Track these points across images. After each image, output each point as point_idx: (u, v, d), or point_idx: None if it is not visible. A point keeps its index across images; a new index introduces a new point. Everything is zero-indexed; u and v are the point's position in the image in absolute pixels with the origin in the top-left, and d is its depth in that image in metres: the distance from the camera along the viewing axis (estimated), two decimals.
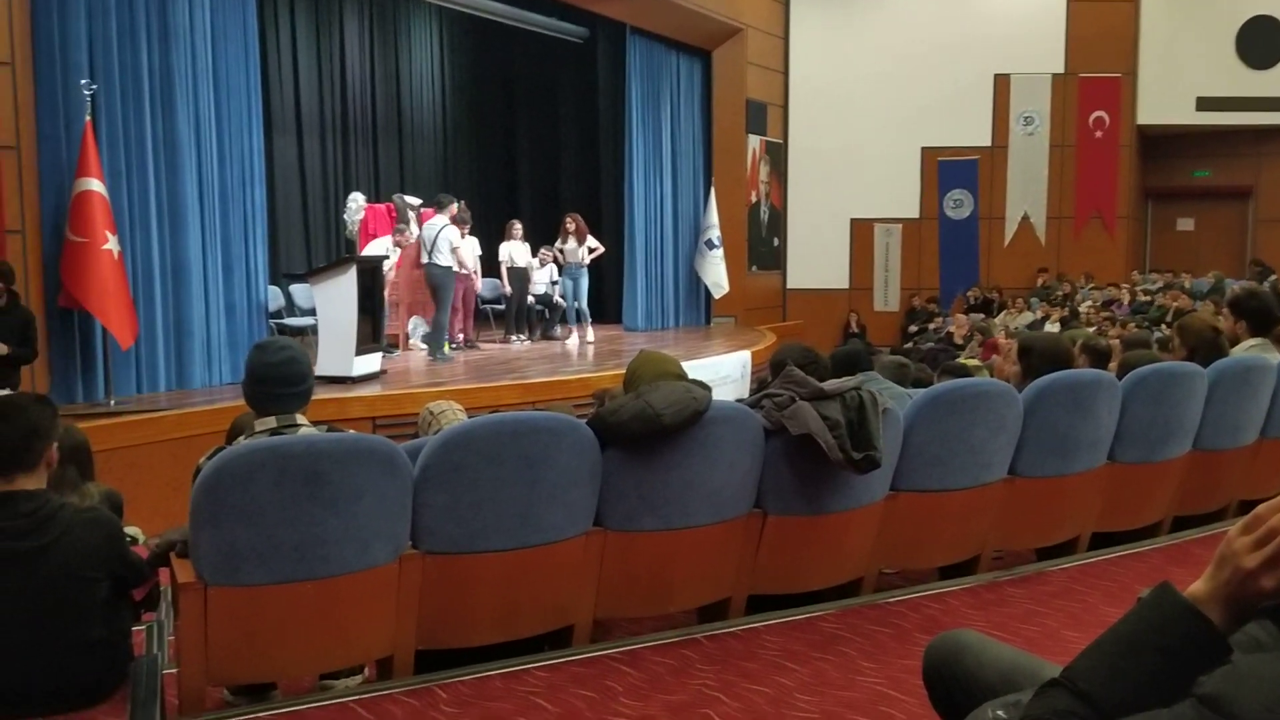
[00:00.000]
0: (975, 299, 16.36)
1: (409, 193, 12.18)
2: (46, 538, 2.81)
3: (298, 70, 12.97)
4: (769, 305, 16.48)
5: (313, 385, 3.17)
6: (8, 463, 2.84)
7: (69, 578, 2.84)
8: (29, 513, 2.82)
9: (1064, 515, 4.33)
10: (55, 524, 2.83)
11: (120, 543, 3.03)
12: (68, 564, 2.84)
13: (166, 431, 6.87)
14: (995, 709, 1.67)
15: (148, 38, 7.84)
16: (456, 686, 3.03)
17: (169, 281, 8.09)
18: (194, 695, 2.90)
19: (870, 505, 3.77)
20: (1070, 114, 16.27)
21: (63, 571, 2.83)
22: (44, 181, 7.10)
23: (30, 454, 2.86)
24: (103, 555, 2.93)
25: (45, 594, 2.81)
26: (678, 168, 14.55)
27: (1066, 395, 4.11)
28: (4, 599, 2.78)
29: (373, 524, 2.98)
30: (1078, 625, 3.46)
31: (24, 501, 2.83)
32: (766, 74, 15.98)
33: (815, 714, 2.82)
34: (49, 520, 2.83)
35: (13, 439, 2.83)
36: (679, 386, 3.36)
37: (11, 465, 2.84)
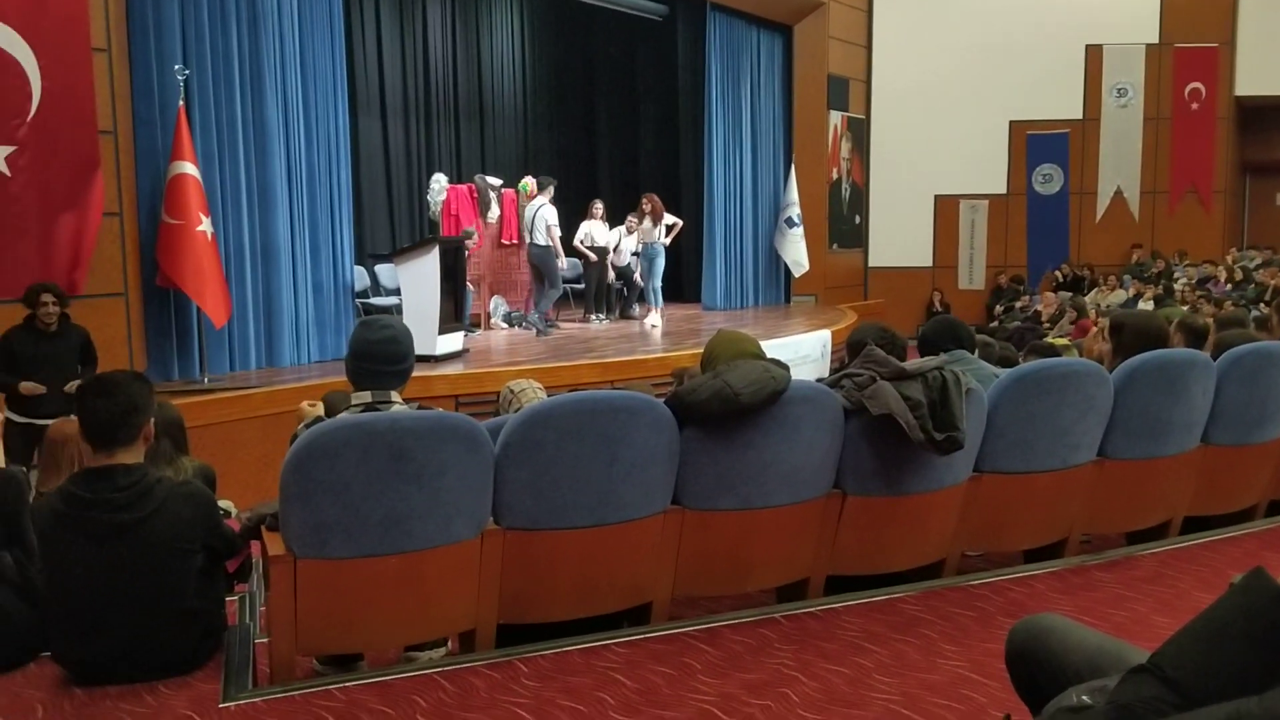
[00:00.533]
0: (1065, 276, 15.97)
1: (490, 173, 12.29)
2: (145, 510, 2.92)
3: (382, 53, 13.15)
4: (850, 284, 16.29)
5: (412, 366, 3.22)
6: (108, 437, 2.95)
7: (166, 549, 2.95)
8: (127, 486, 2.93)
9: (1155, 499, 4.22)
10: (153, 497, 2.94)
11: (214, 516, 3.13)
12: (165, 536, 2.95)
13: (257, 408, 7.06)
14: (1080, 694, 1.64)
15: (238, 24, 8.04)
16: (537, 661, 3.07)
17: (259, 262, 8.31)
18: (284, 664, 2.99)
19: (953, 487, 3.71)
20: (1165, 85, 15.74)
21: (160, 543, 2.94)
22: (140, 165, 7.33)
23: (129, 429, 2.97)
24: (198, 528, 3.03)
25: (143, 565, 2.92)
26: (757, 145, 14.43)
27: (1159, 375, 4.00)
28: (105, 569, 2.90)
29: (455, 500, 3.03)
30: (1168, 611, 3.38)
31: (122, 475, 2.94)
32: (849, 48, 15.75)
33: (895, 695, 2.81)
34: (147, 493, 2.94)
35: (113, 414, 2.94)
36: (757, 366, 3.35)
37: (111, 440, 2.95)
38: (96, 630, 2.93)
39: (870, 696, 2.81)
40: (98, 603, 2.92)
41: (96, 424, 2.96)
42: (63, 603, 2.97)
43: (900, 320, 14.88)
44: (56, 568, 2.98)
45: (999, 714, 2.50)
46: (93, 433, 2.97)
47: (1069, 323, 13.02)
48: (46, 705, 2.84)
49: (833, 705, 2.76)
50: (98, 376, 3.04)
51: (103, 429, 2.96)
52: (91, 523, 2.90)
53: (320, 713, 2.76)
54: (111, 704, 2.83)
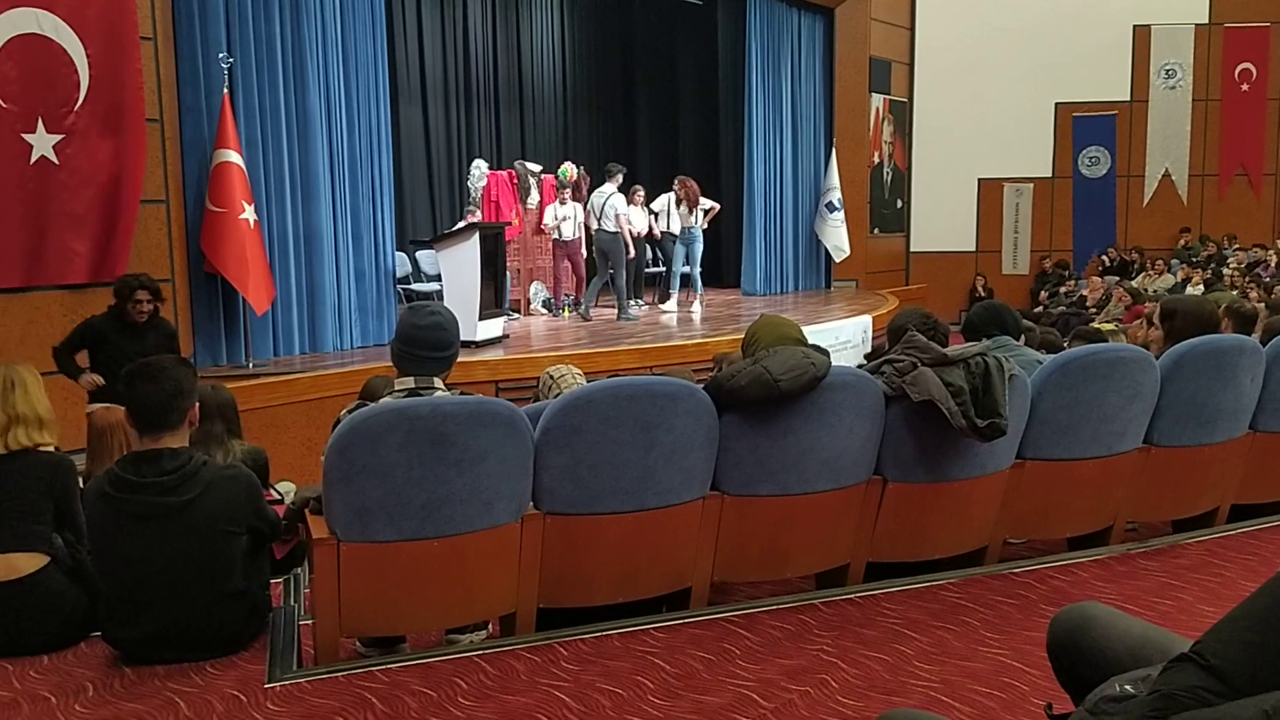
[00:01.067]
0: (1111, 261, 15.73)
1: (529, 159, 12.31)
2: (191, 493, 2.97)
3: (422, 40, 13.19)
4: (891, 269, 16.16)
5: (456, 354, 3.22)
6: (155, 421, 3.00)
7: (212, 531, 3.00)
8: (174, 469, 2.98)
9: (1202, 486, 4.16)
10: (198, 480, 2.99)
11: (259, 498, 3.18)
12: (211, 518, 3.00)
13: (301, 393, 7.15)
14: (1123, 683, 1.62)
15: (280, 11, 8.10)
16: (576, 644, 3.09)
17: (302, 248, 8.40)
18: (328, 646, 3.03)
19: (995, 474, 3.68)
20: (1215, 66, 15.44)
21: (206, 525, 2.99)
22: (186, 153, 7.43)
23: (175, 413, 3.02)
24: (242, 509, 3.08)
25: (191, 546, 2.98)
26: (798, 129, 14.32)
27: (1207, 361, 3.93)
28: (153, 551, 2.96)
29: (495, 484, 3.05)
30: (1214, 600, 3.33)
31: (169, 459, 2.99)
32: (891, 30, 15.58)
33: (935, 683, 2.79)
34: (193, 476, 2.99)
35: (159, 399, 2.99)
36: (797, 352, 3.33)
37: (158, 424, 3.01)
38: (145, 611, 2.99)
39: (910, 684, 2.80)
40: (146, 584, 2.98)
41: (144, 409, 3.01)
42: (112, 584, 3.04)
43: (942, 306, 14.82)
44: (105, 550, 3.04)
45: (1041, 703, 2.48)
46: (140, 417, 3.02)
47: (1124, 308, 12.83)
48: (96, 684, 2.90)
49: (872, 692, 2.75)
50: (144, 362, 3.09)
51: (150, 414, 3.01)
52: (139, 505, 2.96)
53: (363, 693, 2.79)
54: (159, 683, 2.89)
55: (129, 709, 2.75)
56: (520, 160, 12.18)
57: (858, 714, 2.62)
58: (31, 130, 5.86)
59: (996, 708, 2.64)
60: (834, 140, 14.67)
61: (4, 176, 5.76)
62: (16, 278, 5.87)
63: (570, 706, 2.71)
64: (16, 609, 3.14)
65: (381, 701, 2.75)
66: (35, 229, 5.93)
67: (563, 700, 2.74)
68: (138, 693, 2.84)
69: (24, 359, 5.58)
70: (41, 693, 2.86)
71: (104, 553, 3.05)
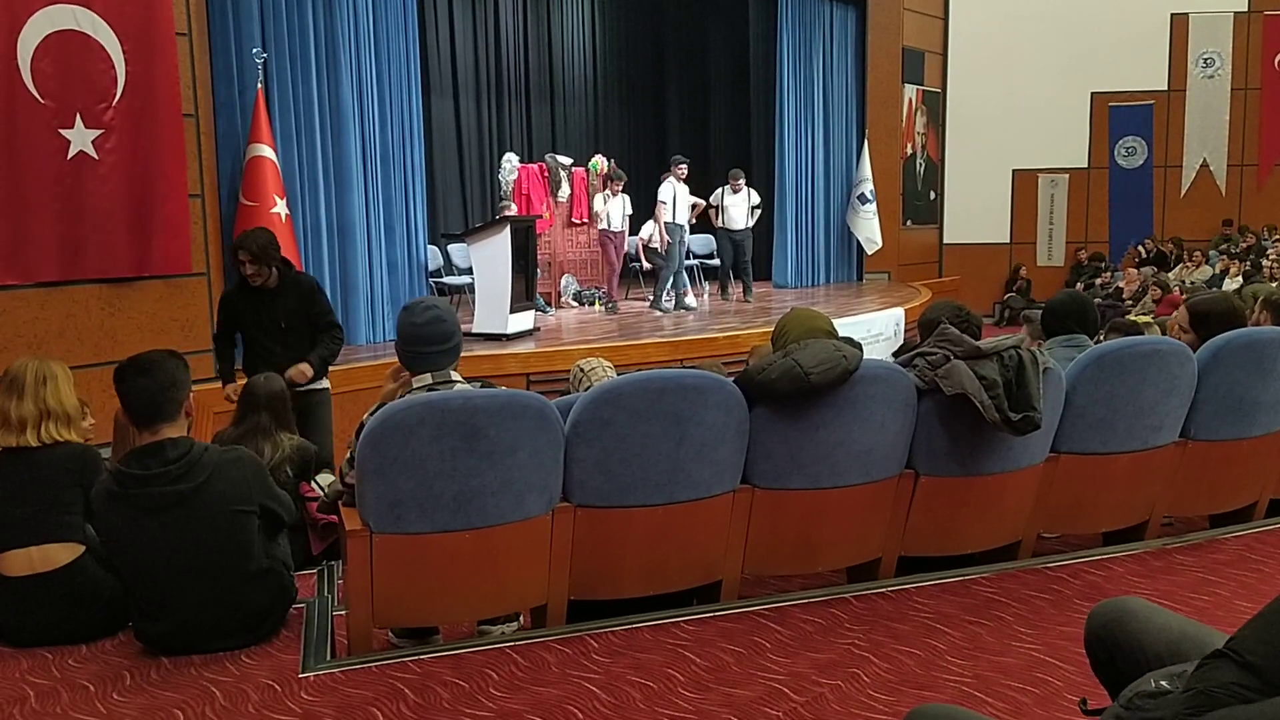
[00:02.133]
0: (1148, 252, 15.53)
1: (560, 152, 12.32)
2: (198, 478, 3.03)
3: (454, 33, 13.24)
4: (924, 261, 16.04)
5: (461, 342, 3.25)
6: (152, 414, 3.07)
7: (225, 513, 3.05)
8: (177, 458, 3.03)
9: (1241, 480, 4.10)
10: (203, 465, 3.05)
11: (264, 477, 3.22)
12: (222, 500, 3.05)
13: (334, 385, 7.17)
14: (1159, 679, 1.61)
15: (313, 6, 8.16)
16: (607, 636, 3.10)
17: (335, 241, 8.46)
18: (362, 636, 3.05)
19: (1029, 468, 3.65)
20: (1254, 54, 15.18)
21: (219, 508, 3.04)
22: (221, 147, 7.49)
23: (170, 404, 3.08)
24: (250, 487, 3.13)
25: (208, 530, 3.03)
26: (830, 121, 14.24)
27: (1245, 354, 3.88)
28: (171, 541, 3.01)
29: (526, 477, 3.06)
30: (1252, 595, 3.29)
31: (171, 448, 3.05)
32: (924, 20, 15.44)
33: (968, 678, 2.78)
34: (197, 463, 3.05)
35: (153, 392, 3.05)
36: (828, 345, 3.32)
37: (156, 417, 3.07)
38: (172, 603, 3.04)
39: (942, 679, 2.79)
40: (169, 576, 3.03)
41: (139, 403, 3.06)
42: (135, 581, 3.08)
43: (976, 298, 14.71)
44: (122, 549, 3.08)
45: (1074, 698, 2.46)
46: (136, 412, 3.08)
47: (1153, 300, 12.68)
48: (134, 673, 2.94)
49: (904, 686, 2.74)
50: (134, 357, 3.13)
51: (145, 407, 3.06)
52: (150, 498, 3.01)
53: (396, 684, 2.81)
54: (196, 672, 2.93)
55: (166, 698, 2.78)
56: (551, 153, 12.18)
57: (889, 709, 2.61)
58: (70, 126, 5.92)
59: (1030, 703, 2.62)
60: (866, 131, 14.57)
61: (42, 172, 5.83)
62: (54, 271, 5.94)
63: (601, 699, 2.71)
64: (56, 598, 3.19)
65: (414, 692, 2.77)
66: (73, 223, 6.00)
67: (593, 692, 2.75)
68: (174, 682, 2.88)
69: (62, 352, 5.69)
70: (80, 681, 2.91)
71: (121, 552, 3.09)
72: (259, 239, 5.19)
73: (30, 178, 5.79)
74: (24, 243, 5.79)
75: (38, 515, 3.22)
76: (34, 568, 3.19)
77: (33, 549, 3.20)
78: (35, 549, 3.21)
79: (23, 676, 2.95)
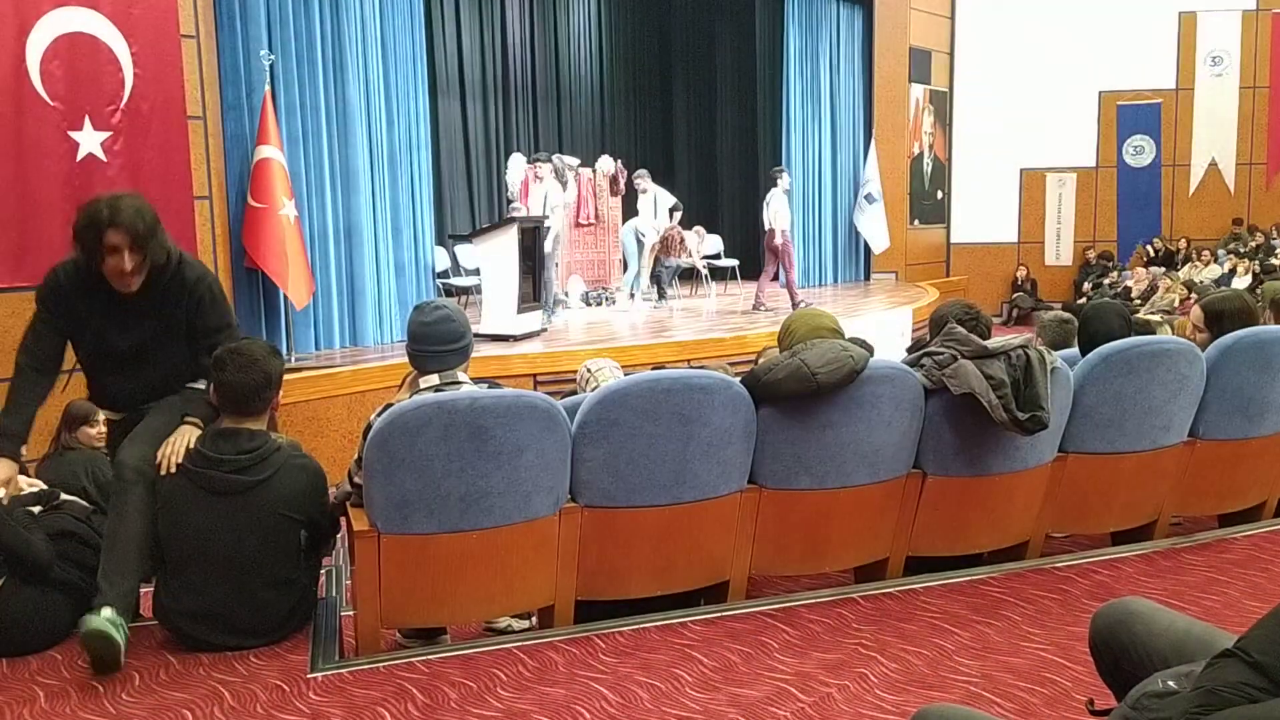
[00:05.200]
0: (1157, 251, 15.50)
1: (567, 153, 12.33)
2: (262, 475, 3.07)
3: (460, 35, 13.26)
4: (931, 261, 16.02)
5: (471, 343, 3.26)
6: (240, 408, 3.11)
7: (276, 516, 3.08)
8: (250, 449, 3.08)
9: (1249, 480, 4.09)
10: (271, 463, 3.09)
11: (323, 492, 3.24)
12: (276, 502, 3.07)
13: (342, 386, 7.21)
14: (1166, 679, 1.60)
15: (320, 8, 8.17)
16: (615, 637, 3.10)
17: (342, 243, 8.48)
18: (369, 637, 3.06)
19: (1037, 467, 3.64)
20: (1263, 52, 15.14)
21: (271, 509, 3.06)
22: (229, 150, 7.51)
23: (261, 400, 3.14)
24: (308, 499, 3.15)
25: (254, 528, 3.05)
26: (836, 120, 14.24)
27: (1254, 353, 3.87)
28: (220, 526, 3.04)
29: (533, 477, 3.06)
30: (1261, 595, 3.28)
31: (246, 439, 3.09)
32: (931, 20, 15.43)
33: (976, 678, 2.77)
34: (266, 459, 3.09)
35: (250, 387, 3.10)
36: (835, 345, 3.32)
37: (243, 410, 3.12)
38: (202, 584, 3.06)
39: (950, 679, 2.78)
40: (207, 558, 3.06)
41: (231, 394, 3.11)
42: (175, 555, 3.10)
43: (984, 298, 14.67)
44: (175, 521, 3.09)
45: (1082, 698, 2.46)
46: (226, 400, 3.13)
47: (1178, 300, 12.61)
48: (143, 673, 2.95)
49: (912, 686, 2.74)
50: (236, 349, 3.13)
51: (236, 400, 3.11)
52: (211, 479, 3.05)
53: (404, 684, 2.82)
54: (204, 672, 2.94)
55: (175, 698, 2.79)
56: (558, 154, 12.19)
57: (897, 709, 2.61)
58: (79, 128, 5.95)
59: (1038, 703, 2.61)
60: (873, 131, 14.56)
61: (52, 174, 5.85)
62: None
63: (608, 699, 2.72)
64: None
65: (422, 692, 2.77)
66: None
67: (601, 693, 2.75)
68: (183, 682, 2.89)
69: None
70: (90, 681, 2.92)
71: (174, 523, 3.10)
72: (144, 213, 3.26)
73: (40, 180, 5.82)
74: (34, 245, 5.81)
75: None
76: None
77: None
78: None
79: (32, 677, 2.96)
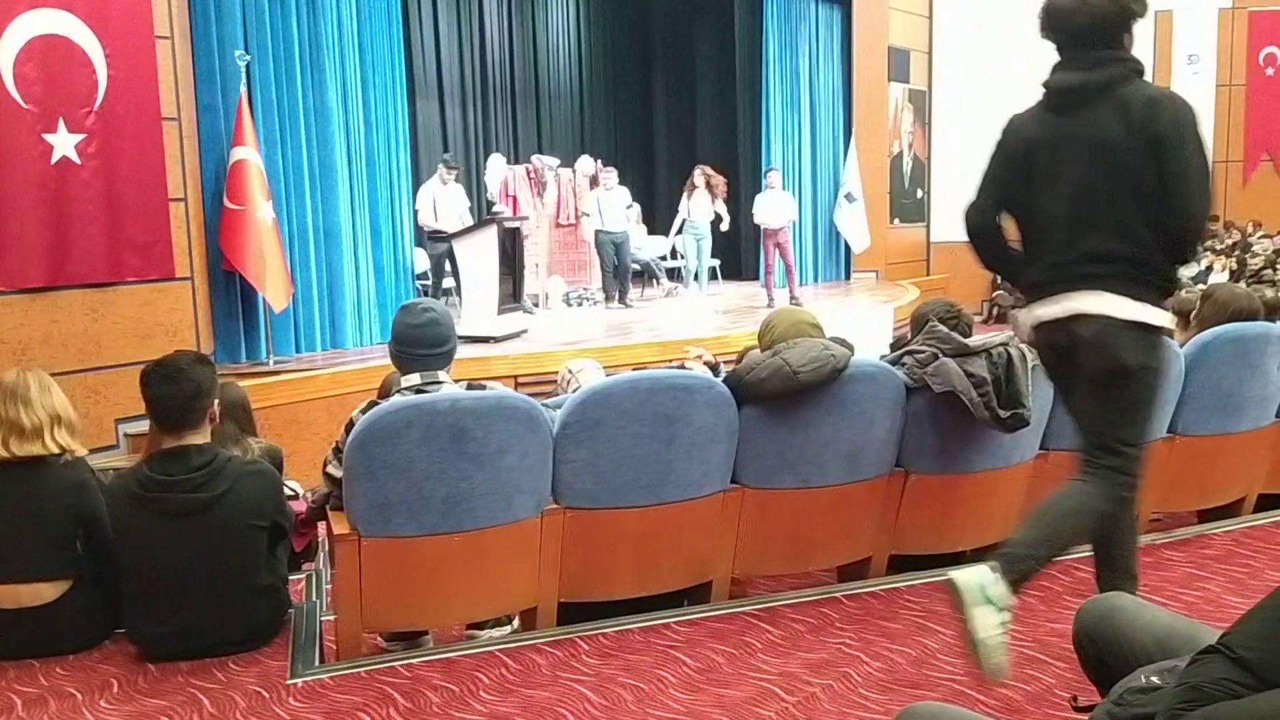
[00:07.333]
0: None
1: (546, 154, 12.31)
2: (218, 489, 3.00)
3: (439, 35, 13.22)
4: (912, 259, 16.06)
5: (455, 346, 3.24)
6: (175, 422, 3.03)
7: (239, 526, 3.03)
8: (201, 465, 3.01)
9: (1228, 476, 4.11)
10: (225, 476, 3.02)
11: (281, 493, 3.21)
12: (238, 513, 3.02)
13: (322, 389, 7.17)
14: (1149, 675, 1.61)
15: (297, 8, 8.12)
16: (598, 638, 3.09)
17: (321, 245, 8.43)
18: (350, 641, 3.04)
19: (1019, 465, 3.65)
20: (1239, 51, 15.26)
21: (234, 520, 3.02)
22: (204, 151, 7.45)
23: (195, 412, 3.05)
24: (268, 504, 3.11)
25: (219, 541, 3.00)
26: (816, 120, 14.26)
27: (1233, 349, 3.89)
28: (182, 547, 2.98)
29: (515, 479, 3.05)
30: (1241, 591, 3.30)
31: (195, 455, 3.02)
32: (910, 19, 15.47)
33: (960, 676, 2.77)
34: (220, 472, 3.02)
35: (178, 399, 3.01)
36: (816, 344, 3.32)
37: (179, 424, 3.03)
38: (175, 608, 3.01)
39: (934, 677, 2.78)
40: (175, 580, 3.01)
41: (163, 410, 3.03)
42: (141, 582, 3.05)
43: (965, 296, 14.62)
44: (134, 549, 3.05)
45: (1066, 695, 2.46)
46: (160, 417, 3.05)
47: None
48: (121, 681, 2.92)
49: (896, 685, 2.74)
50: (161, 362, 3.07)
51: (169, 414, 3.03)
52: (168, 503, 2.98)
53: (385, 688, 2.80)
54: (183, 679, 2.91)
55: (153, 705, 2.76)
56: (538, 155, 12.17)
57: (881, 707, 2.61)
58: (53, 130, 5.88)
59: (1021, 700, 2.62)
60: (853, 130, 14.59)
61: (26, 177, 5.79)
62: (39, 277, 5.90)
63: (592, 700, 2.70)
64: (43, 627, 3.11)
65: (404, 696, 2.75)
66: (57, 229, 5.95)
67: (584, 694, 2.73)
68: (162, 689, 2.86)
69: (46, 358, 5.66)
70: (68, 689, 2.88)
71: (132, 551, 3.06)
72: None
73: (14, 183, 5.75)
74: (8, 248, 5.75)
75: (31, 550, 3.12)
76: (20, 602, 3.10)
77: (21, 586, 3.11)
78: (24, 586, 3.11)
79: (9, 685, 2.92)
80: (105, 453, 5.83)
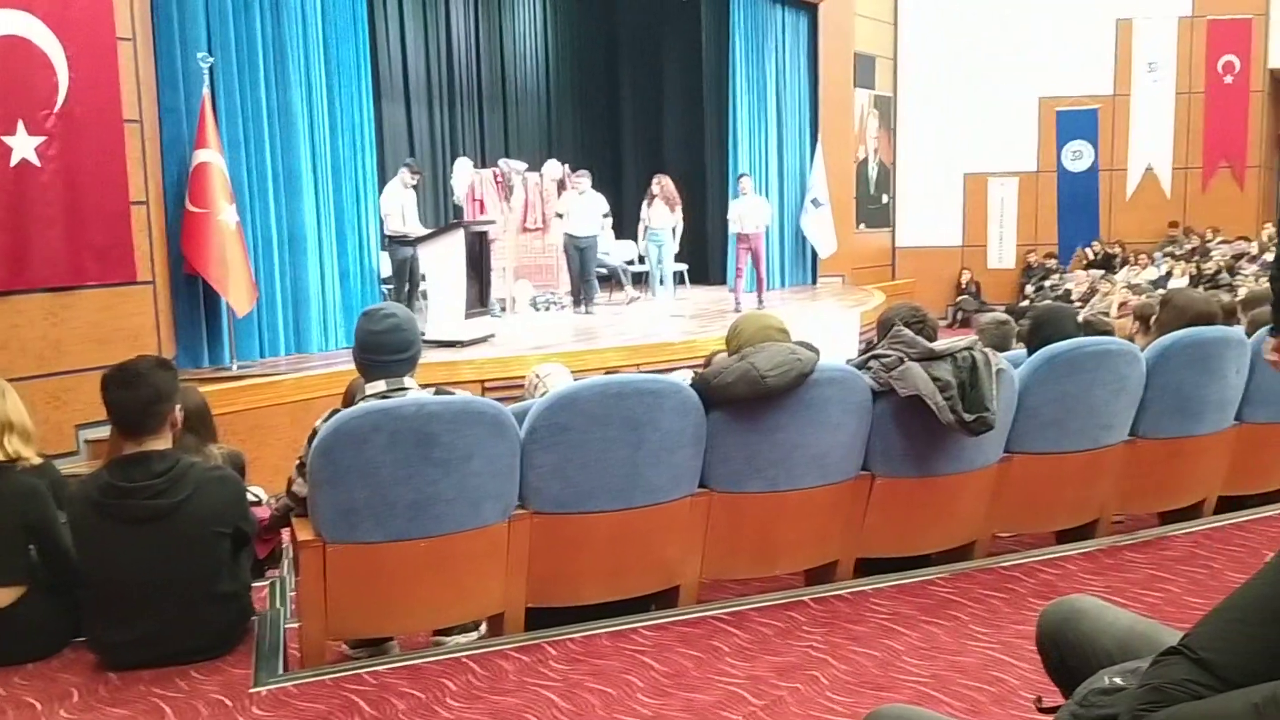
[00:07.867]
0: (1096, 254, 15.79)
1: (513, 157, 12.26)
2: (180, 495, 2.96)
3: (405, 38, 13.14)
4: (878, 264, 16.18)
5: (419, 351, 3.20)
6: (135, 427, 2.99)
7: (201, 533, 2.99)
8: (162, 472, 2.96)
9: (1189, 478, 4.17)
10: (187, 482, 2.98)
11: (244, 500, 3.17)
12: (201, 520, 2.99)
13: (286, 395, 7.10)
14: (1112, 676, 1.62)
15: (261, 10, 8.05)
16: (565, 644, 3.08)
17: (286, 249, 8.34)
18: (315, 648, 3.01)
19: (984, 468, 3.68)
20: (1198, 59, 15.50)
21: (196, 527, 2.98)
22: (166, 154, 7.36)
23: (154, 418, 3.00)
24: (230, 511, 3.07)
25: (181, 548, 2.96)
26: (783, 125, 14.33)
27: (1193, 353, 3.94)
28: (143, 554, 2.94)
29: (482, 484, 3.03)
30: (1202, 591, 3.34)
31: (156, 462, 2.98)
32: (875, 25, 15.60)
33: (925, 678, 2.79)
34: (181, 478, 2.98)
35: (137, 405, 2.97)
36: (783, 348, 3.33)
37: (139, 429, 2.99)
38: (135, 615, 2.97)
39: (900, 679, 2.80)
40: (137, 587, 2.97)
41: (122, 415, 2.99)
42: (102, 590, 3.01)
43: (930, 300, 14.81)
44: (94, 556, 3.01)
45: (1030, 696, 2.48)
46: (119, 423, 3.01)
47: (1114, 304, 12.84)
48: (82, 690, 2.88)
49: (862, 688, 2.75)
50: (121, 368, 3.04)
51: (128, 420, 2.99)
52: (129, 509, 2.95)
53: (350, 696, 2.77)
54: (145, 688, 2.87)
55: (114, 714, 2.72)
56: (505, 159, 12.13)
57: (848, 710, 2.62)
58: (12, 133, 5.79)
59: (986, 701, 2.63)
60: (819, 135, 14.67)
61: None
62: None
63: (560, 706, 2.69)
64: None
65: (369, 704, 2.73)
66: (16, 232, 5.86)
67: (552, 700, 2.72)
68: (123, 698, 2.82)
69: (5, 363, 5.56)
70: (26, 699, 2.83)
71: (93, 559, 3.02)
72: None
73: None
74: None
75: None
76: None
77: None
78: None
79: None
80: (65, 459, 5.74)
